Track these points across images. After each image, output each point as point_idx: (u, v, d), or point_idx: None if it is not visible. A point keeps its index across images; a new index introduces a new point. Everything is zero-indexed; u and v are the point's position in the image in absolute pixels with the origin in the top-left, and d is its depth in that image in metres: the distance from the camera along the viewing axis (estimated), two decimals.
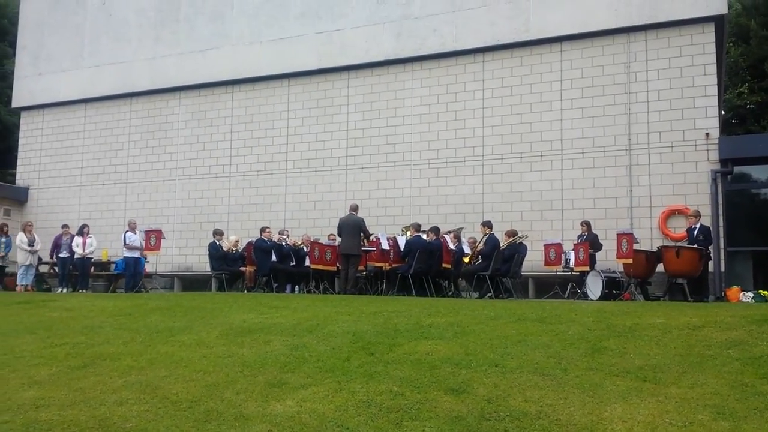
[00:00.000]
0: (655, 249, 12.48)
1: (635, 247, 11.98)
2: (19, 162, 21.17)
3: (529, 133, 15.05)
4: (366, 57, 16.79)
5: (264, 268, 13.68)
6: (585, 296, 12.22)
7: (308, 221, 16.76)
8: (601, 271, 12.20)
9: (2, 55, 27.73)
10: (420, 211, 15.61)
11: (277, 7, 17.95)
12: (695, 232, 12.10)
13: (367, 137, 16.61)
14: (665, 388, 4.92)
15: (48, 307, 9.84)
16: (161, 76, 19.05)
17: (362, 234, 13.06)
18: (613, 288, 11.92)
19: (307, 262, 13.91)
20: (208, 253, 14.52)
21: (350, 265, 12.67)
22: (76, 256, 15.10)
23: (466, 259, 12.54)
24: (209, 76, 18.45)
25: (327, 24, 17.34)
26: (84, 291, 14.91)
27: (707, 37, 13.94)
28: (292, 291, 14.06)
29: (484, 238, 12.82)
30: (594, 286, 12.11)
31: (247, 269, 14.13)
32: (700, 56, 13.90)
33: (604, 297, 11.66)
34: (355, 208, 13.27)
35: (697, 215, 12.35)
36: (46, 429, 4.62)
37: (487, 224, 13.02)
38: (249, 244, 14.30)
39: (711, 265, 12.56)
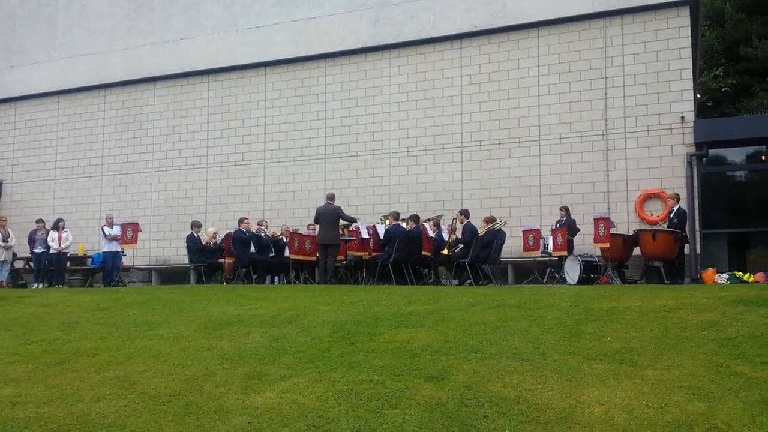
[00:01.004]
0: (631, 233, 12.60)
1: (612, 231, 12.09)
2: None
3: (507, 120, 15.09)
4: (343, 44, 16.69)
5: (243, 259, 13.61)
6: (563, 281, 12.33)
7: (287, 211, 16.68)
8: (579, 255, 12.31)
9: None
10: (399, 200, 15.60)
11: None
12: (671, 215, 12.23)
13: (346, 126, 16.54)
14: (642, 370, 4.98)
15: (23, 303, 9.70)
16: (135, 67, 18.79)
17: (342, 221, 13.00)
18: (590, 272, 12.04)
19: (287, 253, 13.86)
20: (186, 245, 14.41)
21: (329, 254, 12.64)
22: (51, 251, 14.91)
23: (445, 251, 12.56)
24: (184, 65, 18.24)
25: (303, 12, 17.20)
26: (60, 286, 14.74)
27: (682, 20, 14.04)
28: (272, 282, 14.01)
29: (461, 227, 12.85)
30: (572, 271, 12.22)
31: (226, 261, 14.05)
32: (676, 40, 14.01)
33: (582, 281, 11.78)
34: (331, 197, 13.21)
35: (675, 197, 12.48)
36: (23, 426, 4.56)
37: (464, 213, 13.05)
38: (227, 235, 14.20)
39: (687, 247, 12.73)
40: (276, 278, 14.19)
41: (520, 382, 4.86)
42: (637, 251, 12.23)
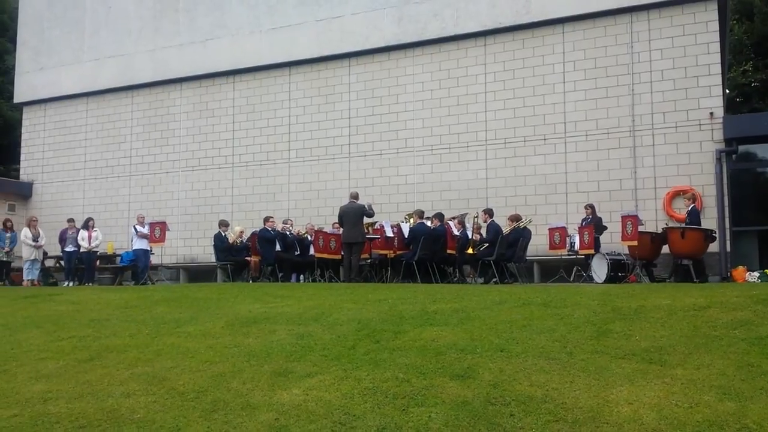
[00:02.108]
0: (660, 231, 12.44)
1: (640, 229, 11.94)
2: (22, 157, 21.21)
3: (533, 117, 14.98)
4: (367, 43, 16.71)
5: (269, 257, 13.69)
6: (590, 279, 12.21)
7: (312, 210, 16.76)
8: (606, 253, 12.18)
9: (3, 50, 27.70)
10: (423, 198, 15.59)
11: None
12: (687, 215, 12.20)
13: (370, 124, 16.56)
14: (671, 369, 4.92)
15: (54, 300, 9.88)
16: (162, 68, 19.01)
17: (366, 218, 12.98)
18: (618, 270, 11.91)
19: (312, 251, 13.92)
20: (213, 244, 14.55)
21: (353, 253, 12.66)
22: (82, 250, 15.14)
23: (470, 250, 12.51)
24: (210, 66, 18.40)
25: (327, 11, 17.25)
26: (90, 284, 14.97)
27: (710, 15, 13.82)
28: (297, 280, 14.09)
29: (485, 226, 12.79)
30: (599, 269, 12.10)
31: (252, 259, 14.15)
32: (704, 35, 13.79)
33: (609, 280, 11.65)
34: (355, 196, 13.22)
35: (692, 198, 12.37)
36: (54, 422, 4.64)
37: (488, 212, 13.00)
38: (253, 234, 14.31)
39: (716, 245, 12.54)
40: (301, 276, 14.26)
41: (547, 381, 4.82)
42: (665, 249, 12.07)
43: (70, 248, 15.25)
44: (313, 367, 5.45)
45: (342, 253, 13.15)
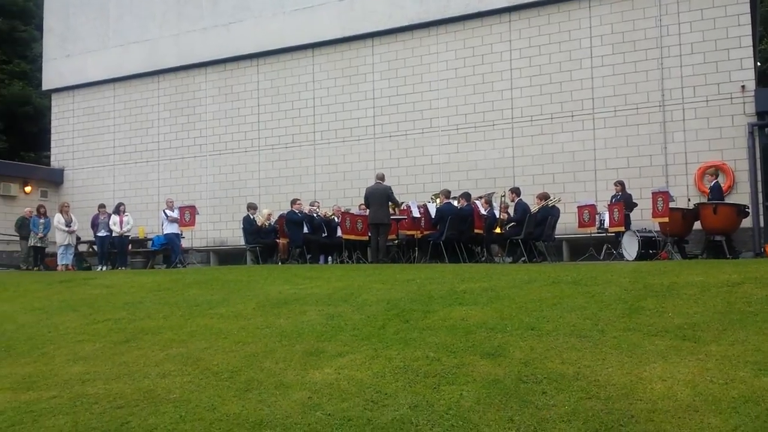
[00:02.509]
0: (691, 207, 12.25)
1: (671, 205, 11.76)
2: (52, 144, 21.55)
3: (559, 93, 14.79)
4: (389, 22, 16.59)
5: (297, 240, 13.77)
6: (621, 257, 12.08)
7: (338, 192, 16.80)
8: (637, 230, 12.03)
9: (30, 38, 28.05)
10: (450, 178, 15.53)
11: None
12: (709, 191, 12.05)
13: (394, 105, 16.50)
14: (705, 346, 4.87)
15: (89, 284, 10.07)
16: (187, 52, 19.11)
17: (390, 203, 13.01)
18: (649, 248, 11.75)
19: (339, 233, 13.97)
20: (242, 227, 14.68)
21: (380, 234, 12.67)
22: (113, 235, 15.38)
23: (497, 229, 12.44)
24: (234, 49, 18.44)
25: None
26: (123, 268, 15.22)
27: None
28: (326, 261, 14.17)
29: (512, 205, 12.71)
30: (630, 247, 11.96)
31: (281, 242, 14.25)
32: (734, 6, 13.45)
33: (640, 257, 11.52)
34: (381, 177, 13.21)
35: (714, 174, 12.20)
36: (92, 402, 4.75)
37: (515, 191, 12.90)
38: (281, 216, 14.41)
39: (749, 220, 12.32)
40: (329, 258, 14.33)
41: (578, 358, 4.81)
42: (697, 225, 11.89)
43: (102, 233, 15.49)
44: (344, 347, 5.50)
45: (369, 234, 13.19)
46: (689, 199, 12.76)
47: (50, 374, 5.51)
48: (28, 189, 20.28)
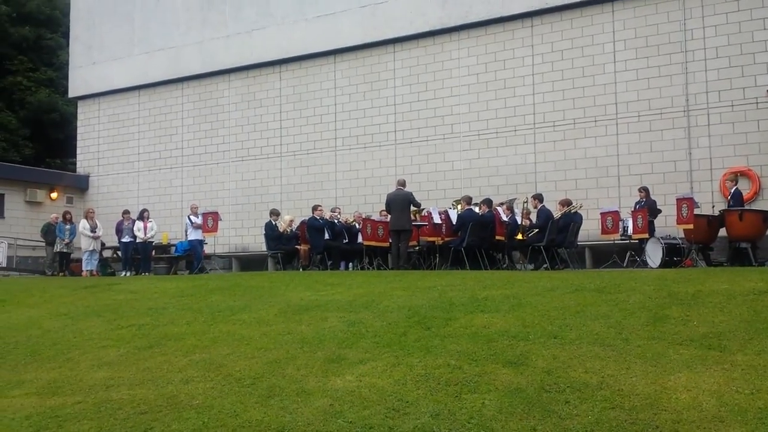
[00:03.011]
0: (716, 213, 12.08)
1: (696, 211, 11.62)
2: (78, 150, 21.87)
3: (582, 98, 14.70)
4: (411, 28, 16.62)
5: (318, 246, 13.81)
6: (645, 264, 11.95)
7: (359, 198, 16.83)
8: (661, 237, 11.89)
9: (56, 46, 28.53)
10: (471, 184, 15.49)
11: None
12: (729, 198, 11.84)
13: (415, 111, 16.51)
14: (731, 355, 4.79)
15: (113, 290, 10.19)
16: (210, 60, 19.31)
17: (413, 207, 12.98)
18: (673, 255, 11.61)
19: (360, 239, 13.98)
20: (264, 233, 14.76)
21: (401, 240, 12.66)
22: (138, 240, 15.55)
23: (519, 236, 12.37)
24: (256, 56, 18.61)
25: None
26: (146, 274, 15.38)
27: None
28: (346, 268, 14.19)
29: (535, 211, 12.63)
30: (654, 254, 11.82)
31: (302, 248, 14.30)
32: (759, 9, 13.29)
33: (664, 264, 11.38)
34: (402, 183, 13.20)
35: (734, 180, 12.06)
36: (116, 408, 4.80)
37: (538, 197, 12.81)
38: (302, 223, 14.46)
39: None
40: (350, 264, 14.35)
41: (602, 367, 4.75)
42: (723, 232, 11.72)
43: (126, 239, 15.67)
44: (365, 354, 5.50)
45: (390, 240, 13.18)
46: (713, 206, 12.59)
47: (75, 379, 5.58)
48: (54, 195, 20.61)
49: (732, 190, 11.93)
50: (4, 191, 19.85)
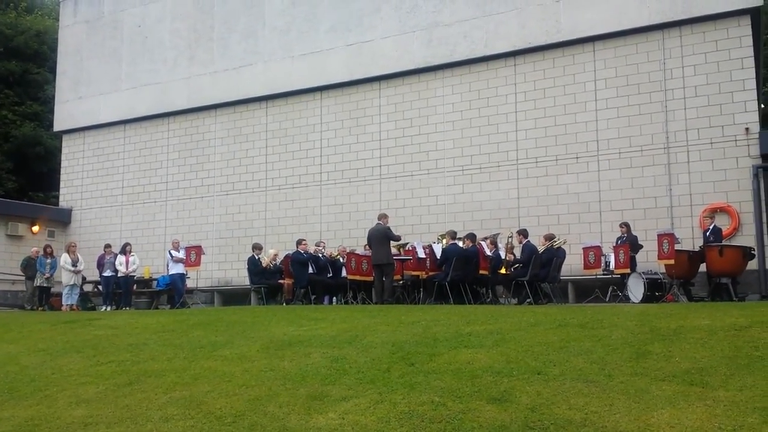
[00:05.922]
0: (697, 249, 12.22)
1: (677, 247, 11.75)
2: (61, 184, 21.75)
3: (564, 135, 14.91)
4: (397, 66, 16.86)
5: (302, 280, 13.77)
6: (627, 299, 12.02)
7: (344, 232, 16.84)
8: (643, 272, 11.99)
9: (43, 80, 28.55)
10: (455, 218, 15.56)
11: (308, 22, 18.14)
12: (707, 233, 12.02)
13: (400, 146, 16.65)
14: (713, 391, 4.81)
15: (93, 325, 10.05)
16: (197, 95, 19.40)
17: (393, 241, 13.00)
18: (655, 290, 11.71)
19: (344, 273, 13.96)
20: (247, 267, 14.69)
21: (385, 274, 12.66)
22: (119, 275, 15.41)
23: (502, 270, 12.43)
24: (243, 92, 18.73)
25: (357, 35, 17.46)
26: (127, 308, 15.21)
27: (743, 30, 13.66)
28: (330, 302, 14.13)
29: (520, 246, 12.70)
30: (635, 289, 11.91)
31: (286, 282, 14.24)
32: (737, 50, 13.63)
33: (646, 299, 11.46)
34: (381, 217, 13.26)
35: (711, 217, 12.29)
36: None
37: (522, 232, 12.91)
38: (286, 257, 14.42)
39: (756, 262, 12.28)
40: (334, 299, 14.30)
41: (586, 404, 4.75)
42: (703, 268, 11.85)
43: (107, 273, 15.53)
44: (348, 391, 5.46)
45: (374, 274, 13.17)
46: (694, 241, 12.73)
47: (53, 417, 5.48)
48: (35, 229, 20.39)
49: (711, 227, 12.09)
50: None
